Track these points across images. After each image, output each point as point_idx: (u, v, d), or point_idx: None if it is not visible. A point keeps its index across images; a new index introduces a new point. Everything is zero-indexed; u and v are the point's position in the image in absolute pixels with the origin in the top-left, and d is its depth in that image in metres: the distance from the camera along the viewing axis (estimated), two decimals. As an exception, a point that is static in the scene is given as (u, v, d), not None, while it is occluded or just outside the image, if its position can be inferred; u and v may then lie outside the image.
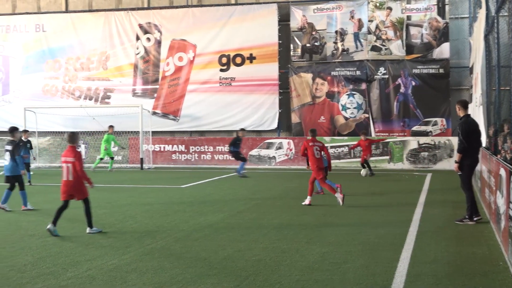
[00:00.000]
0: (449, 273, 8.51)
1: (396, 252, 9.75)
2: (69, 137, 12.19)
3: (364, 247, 10.24)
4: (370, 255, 9.59)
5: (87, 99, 32.41)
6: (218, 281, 8.16)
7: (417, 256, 9.48)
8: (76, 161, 11.71)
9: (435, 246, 10.32)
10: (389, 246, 10.32)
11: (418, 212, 14.16)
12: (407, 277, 8.26)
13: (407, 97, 28.58)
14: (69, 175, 11.81)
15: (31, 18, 33.16)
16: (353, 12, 29.17)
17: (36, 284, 8.04)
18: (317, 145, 16.20)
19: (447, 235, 11.39)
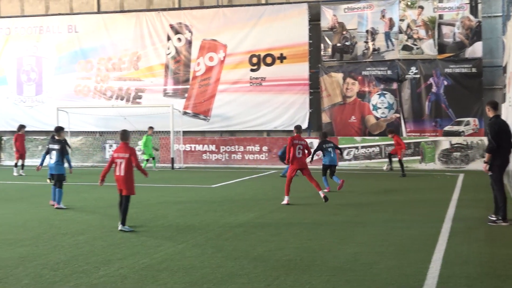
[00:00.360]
0: (482, 274, 8.41)
1: (428, 253, 9.65)
2: (122, 135, 12.65)
3: (396, 247, 10.16)
4: (402, 256, 9.51)
5: (119, 99, 32.66)
6: (248, 281, 8.16)
7: (449, 257, 9.38)
8: (131, 156, 12.26)
9: (468, 247, 10.21)
10: (421, 247, 10.23)
11: (450, 213, 14.02)
12: (439, 278, 8.17)
13: (439, 97, 28.33)
14: (121, 170, 12.30)
15: (64, 19, 33.51)
16: (384, 11, 29.00)
17: (69, 283, 8.11)
18: (301, 144, 16.07)
19: (480, 236, 11.27)
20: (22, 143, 26.32)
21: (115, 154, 12.48)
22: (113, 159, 12.56)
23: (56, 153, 15.76)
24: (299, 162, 15.97)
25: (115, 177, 12.42)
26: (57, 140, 16.00)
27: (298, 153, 15.95)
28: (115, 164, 12.44)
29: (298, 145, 15.96)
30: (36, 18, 33.96)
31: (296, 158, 15.91)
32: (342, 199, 17.10)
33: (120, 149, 12.51)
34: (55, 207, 15.47)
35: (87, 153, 31.59)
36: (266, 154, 29.54)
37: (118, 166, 12.35)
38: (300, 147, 15.98)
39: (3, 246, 10.54)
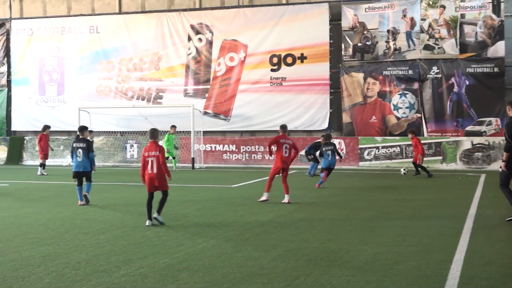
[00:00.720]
0: (504, 275, 8.34)
1: (448, 254, 9.60)
2: (151, 133, 13.19)
3: (416, 248, 10.12)
4: (422, 257, 9.46)
5: (140, 99, 32.81)
6: (268, 280, 8.16)
7: (470, 258, 9.32)
8: (159, 154, 12.75)
9: (489, 248, 10.13)
10: (441, 247, 10.17)
11: (471, 213, 13.93)
12: (460, 279, 8.12)
13: (461, 97, 28.16)
14: (153, 168, 12.80)
15: (86, 20, 33.74)
16: (405, 10, 28.87)
17: (90, 282, 8.17)
18: (288, 143, 16.13)
19: (502, 236, 11.18)
20: (46, 143, 26.47)
21: (146, 153, 12.95)
22: (144, 158, 12.98)
23: (82, 151, 16.29)
24: (285, 162, 16.07)
25: (148, 176, 12.86)
26: (82, 139, 16.54)
27: (285, 152, 16.02)
28: (146, 163, 12.88)
29: (285, 144, 16.02)
30: (58, 19, 34.23)
31: (283, 157, 16.01)
32: (361, 199, 17.06)
33: (150, 148, 12.96)
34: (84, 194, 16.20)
35: (108, 153, 31.79)
36: (286, 154, 29.48)
37: (149, 164, 12.82)
38: (287, 146, 16.03)
39: (25, 245, 10.64)
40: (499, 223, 12.68)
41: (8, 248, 10.34)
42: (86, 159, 16.35)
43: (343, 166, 27.86)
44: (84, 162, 16.33)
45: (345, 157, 28.10)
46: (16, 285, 8.01)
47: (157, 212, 12.79)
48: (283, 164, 16.07)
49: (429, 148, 27.41)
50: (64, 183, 22.53)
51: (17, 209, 15.34)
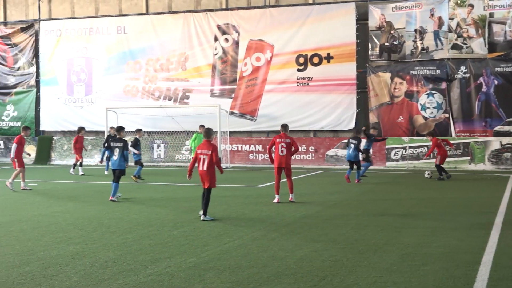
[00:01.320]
0: (534, 277, 8.25)
1: (477, 255, 9.50)
2: (206, 133, 13.82)
3: (444, 249, 10.03)
4: (450, 258, 9.38)
5: (167, 99, 32.95)
6: (294, 280, 8.15)
7: (499, 260, 9.21)
8: (213, 152, 13.46)
9: (519, 249, 10.02)
10: (470, 249, 10.07)
11: (500, 214, 13.79)
12: (488, 281, 8.04)
13: (489, 97, 27.87)
14: (203, 165, 13.50)
15: (113, 21, 33.96)
16: (433, 10, 28.64)
17: (117, 280, 8.22)
18: (285, 142, 16.00)
19: (531, 238, 11.05)
20: (81, 145, 26.55)
21: (199, 151, 13.61)
22: (197, 155, 13.65)
23: (118, 150, 16.98)
24: (280, 161, 15.99)
25: (199, 172, 13.60)
26: (119, 138, 17.35)
27: (281, 151, 15.93)
28: (198, 160, 13.57)
29: (281, 143, 15.94)
30: (86, 20, 34.50)
31: (279, 156, 15.95)
32: (387, 200, 16.97)
33: (203, 146, 13.63)
34: (110, 199, 16.80)
35: (134, 152, 31.93)
36: (312, 154, 29.47)
37: (201, 161, 13.51)
38: (284, 145, 15.91)
39: (54, 244, 10.74)
40: (529, 224, 12.54)
41: (37, 247, 10.45)
42: (122, 158, 17.01)
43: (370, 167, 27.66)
44: (119, 161, 16.99)
45: (371, 157, 27.87)
46: (45, 283, 8.09)
47: (203, 214, 13.44)
48: (279, 163, 16.01)
49: (457, 148, 27.18)
50: (92, 182, 22.73)
51: (46, 208, 15.50)
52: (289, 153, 16.08)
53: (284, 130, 16.35)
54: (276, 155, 15.96)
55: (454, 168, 26.54)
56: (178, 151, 31.30)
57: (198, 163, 13.63)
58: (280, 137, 16.09)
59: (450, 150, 25.83)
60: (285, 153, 15.92)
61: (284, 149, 15.87)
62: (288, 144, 16.01)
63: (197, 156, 13.63)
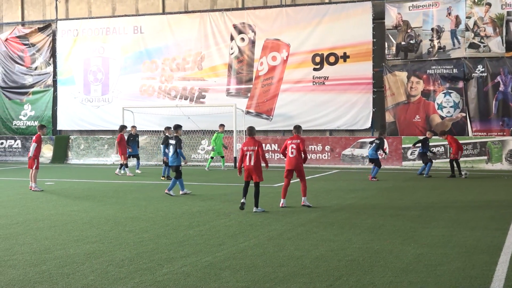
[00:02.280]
0: (551, 278, 8.19)
1: (494, 256, 9.45)
2: (249, 130, 15.04)
3: (460, 249, 9.98)
4: (467, 258, 9.33)
5: (183, 98, 33.05)
6: (310, 280, 8.14)
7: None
8: (258, 148, 14.49)
9: (536, 250, 9.95)
10: (486, 249, 10.01)
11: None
12: (505, 281, 7.99)
13: (507, 96, 27.70)
14: (250, 161, 14.52)
15: (130, 20, 34.11)
16: (450, 8, 28.51)
17: (133, 279, 8.25)
18: (294, 143, 15.37)
19: (549, 238, 10.97)
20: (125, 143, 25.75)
21: (245, 148, 14.64)
22: (243, 152, 14.63)
23: (173, 147, 18.03)
24: (289, 163, 15.43)
25: (246, 167, 14.60)
26: (175, 136, 18.26)
27: (291, 153, 15.35)
28: (244, 157, 14.59)
29: (291, 144, 15.36)
30: (102, 20, 34.68)
31: (289, 158, 15.43)
32: (403, 199, 16.91)
33: (248, 143, 14.64)
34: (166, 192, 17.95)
35: (152, 152, 32.08)
36: (328, 153, 29.44)
37: (248, 157, 14.52)
38: (293, 147, 15.32)
39: (70, 242, 10.80)
40: (546, 224, 12.45)
41: (54, 246, 10.51)
42: (176, 155, 17.99)
43: (386, 166, 27.62)
44: (173, 157, 18.05)
45: (388, 156, 27.83)
46: (62, 282, 8.14)
47: (255, 206, 14.49)
48: (289, 165, 15.46)
49: (474, 148, 27.04)
50: (108, 181, 22.83)
51: (63, 207, 15.58)
52: (299, 155, 15.41)
53: (297, 132, 15.75)
54: (287, 157, 15.58)
55: (471, 167, 26.39)
56: (194, 150, 31.36)
57: (244, 159, 14.62)
58: (291, 139, 15.63)
59: None
60: (295, 155, 15.34)
61: (294, 150, 15.33)
62: (297, 145, 15.38)
63: (243, 153, 14.59)
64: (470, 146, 26.98)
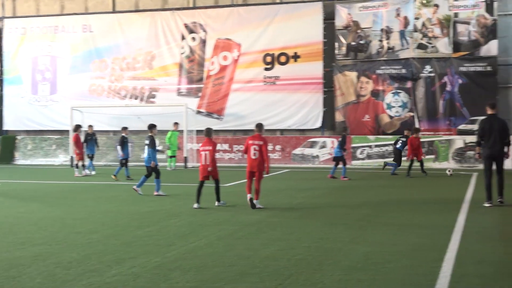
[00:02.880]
0: (495, 274, 8.34)
1: (440, 253, 9.59)
2: (207, 132, 15.61)
3: (408, 247, 10.11)
4: (414, 256, 9.46)
5: (133, 98, 32.77)
6: (260, 279, 8.14)
7: (462, 257, 9.32)
8: (212, 148, 15.13)
9: (481, 246, 10.13)
10: (433, 246, 10.16)
11: (463, 212, 13.93)
12: (451, 277, 8.11)
13: (454, 95, 28.20)
14: (206, 160, 15.14)
15: (79, 19, 33.67)
16: (399, 9, 28.91)
17: (81, 281, 8.13)
18: (257, 144, 14.76)
19: (494, 235, 11.19)
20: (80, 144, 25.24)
21: (201, 148, 15.41)
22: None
23: (147, 147, 18.18)
24: (251, 165, 14.85)
25: (200, 166, 15.38)
26: (149, 136, 18.37)
27: (254, 155, 14.72)
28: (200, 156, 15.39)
29: (253, 145, 14.75)
30: (51, 18, 34.15)
31: (251, 159, 14.81)
32: (354, 198, 17.07)
33: (205, 144, 15.26)
34: (155, 194, 17.75)
35: (101, 152, 31.63)
36: (279, 153, 29.54)
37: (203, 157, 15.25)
38: (256, 148, 14.72)
39: (16, 245, 10.58)
40: (491, 221, 12.71)
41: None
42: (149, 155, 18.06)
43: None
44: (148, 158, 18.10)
45: (338, 156, 28.02)
46: (7, 285, 7.96)
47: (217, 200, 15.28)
48: (251, 167, 14.86)
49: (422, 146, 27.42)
50: (56, 182, 22.50)
51: (8, 209, 15.27)
52: (261, 157, 14.72)
53: (259, 130, 14.98)
54: (248, 158, 14.89)
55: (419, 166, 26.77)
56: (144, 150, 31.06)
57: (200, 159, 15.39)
58: (253, 139, 14.92)
59: None
60: (258, 157, 14.67)
61: (256, 152, 14.66)
62: (260, 147, 14.70)
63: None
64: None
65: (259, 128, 15.12)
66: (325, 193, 18.47)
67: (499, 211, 14.16)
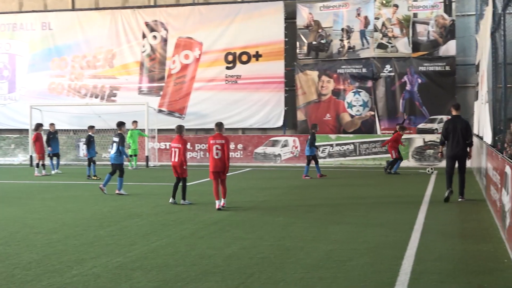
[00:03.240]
0: (454, 270, 8.50)
1: (400, 250, 9.73)
2: (177, 129, 15.83)
3: (369, 245, 10.23)
4: (375, 253, 9.58)
5: (93, 97, 32.46)
6: (222, 278, 8.16)
7: (421, 254, 9.46)
8: (182, 146, 15.37)
9: (440, 243, 10.30)
10: (393, 244, 10.30)
11: (423, 210, 14.13)
12: (411, 274, 8.25)
13: (413, 95, 28.52)
14: (175, 157, 15.41)
15: (38, 16, 33.21)
16: (359, 9, 29.12)
17: (41, 282, 8.05)
18: (219, 143, 14.59)
19: (452, 232, 11.38)
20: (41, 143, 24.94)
21: (172, 144, 15.64)
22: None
23: (116, 145, 17.94)
24: (215, 165, 14.62)
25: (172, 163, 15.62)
26: (118, 133, 18.17)
27: (216, 154, 14.55)
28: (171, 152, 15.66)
29: (215, 145, 14.57)
30: (9, 15, 33.60)
31: (213, 159, 14.61)
32: (315, 197, 17.17)
33: (175, 141, 15.53)
34: (116, 193, 17.52)
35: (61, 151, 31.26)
36: (241, 152, 29.55)
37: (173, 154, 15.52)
38: (218, 147, 14.53)
39: (-25, 245, 10.44)
40: (450, 219, 12.92)
41: (-43, 249, 10.13)
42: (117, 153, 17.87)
43: (298, 164, 27.96)
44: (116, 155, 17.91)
45: (299, 154, 28.25)
46: (-35, 286, 7.86)
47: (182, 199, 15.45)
48: (214, 167, 14.61)
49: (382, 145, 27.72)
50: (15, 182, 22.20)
51: (-33, 209, 15.03)
52: (224, 156, 14.53)
53: (219, 130, 14.78)
54: (211, 158, 14.62)
55: (379, 164, 27.06)
56: (105, 149, 30.82)
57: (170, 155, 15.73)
58: (214, 138, 14.74)
59: None
60: (220, 156, 14.50)
61: (219, 151, 14.46)
62: (222, 145, 14.51)
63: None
64: (378, 144, 27.64)
65: (219, 127, 14.89)
66: (287, 191, 18.56)
67: (458, 208, 14.40)
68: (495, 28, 16.39)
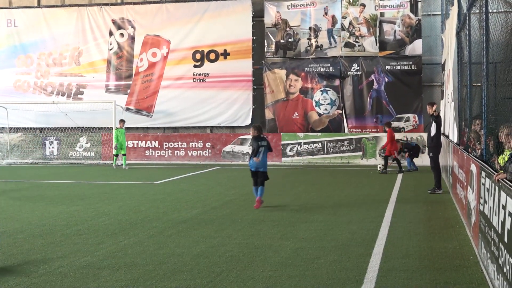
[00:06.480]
0: (421, 267, 8.59)
1: (368, 248, 9.81)
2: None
3: (337, 243, 10.29)
4: (343, 251, 9.64)
5: (60, 95, 32.13)
6: (191, 277, 8.15)
7: (389, 251, 9.55)
8: None
9: (407, 241, 10.41)
10: (361, 241, 10.38)
11: (390, 208, 14.26)
12: (379, 272, 8.32)
13: (380, 93, 28.73)
14: None
15: (2, 13, 32.76)
16: (327, 8, 29.25)
17: (7, 282, 7.96)
18: None
19: (419, 230, 11.50)
20: None
21: None
22: None
23: None
24: None
25: None
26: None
27: None
28: None
29: None
30: (-27, 12, 33.13)
31: None
32: (283, 195, 17.22)
33: None
34: None
35: (27, 150, 30.96)
36: (209, 150, 29.51)
37: None
38: None
39: None
40: (417, 217, 13.05)
41: None
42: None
43: (266, 162, 27.91)
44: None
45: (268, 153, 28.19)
46: None
47: None
48: None
49: (349, 144, 27.89)
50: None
51: None
52: None
53: None
54: None
55: (347, 163, 27.25)
56: (72, 148, 30.56)
57: None
58: None
59: None
60: None
61: None
62: None
63: None
64: (346, 142, 27.82)
65: None
66: (255, 190, 18.55)
67: (425, 206, 14.56)
68: (460, 27, 16.59)
